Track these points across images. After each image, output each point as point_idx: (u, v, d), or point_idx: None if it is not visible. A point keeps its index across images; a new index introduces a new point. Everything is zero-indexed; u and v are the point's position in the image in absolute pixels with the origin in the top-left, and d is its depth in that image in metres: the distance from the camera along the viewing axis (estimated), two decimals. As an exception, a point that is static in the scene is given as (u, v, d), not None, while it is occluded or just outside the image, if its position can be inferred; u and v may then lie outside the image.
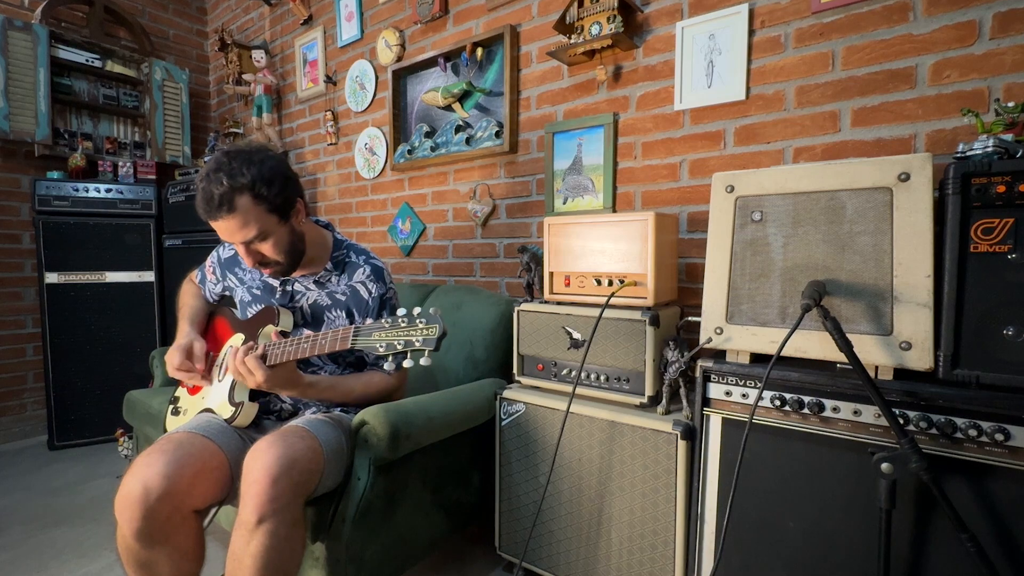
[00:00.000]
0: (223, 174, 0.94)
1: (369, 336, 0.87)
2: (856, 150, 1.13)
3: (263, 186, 0.96)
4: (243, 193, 0.95)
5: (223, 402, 1.06)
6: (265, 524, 0.82)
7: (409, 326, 0.84)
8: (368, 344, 0.87)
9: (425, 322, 0.83)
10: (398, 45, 1.99)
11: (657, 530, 1.03)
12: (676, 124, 1.37)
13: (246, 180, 0.95)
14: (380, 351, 0.85)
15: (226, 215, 0.95)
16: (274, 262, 1.04)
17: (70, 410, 2.24)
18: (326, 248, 1.15)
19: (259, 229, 0.98)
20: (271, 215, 0.99)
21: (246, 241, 0.99)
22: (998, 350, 0.73)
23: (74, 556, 1.44)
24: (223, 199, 0.94)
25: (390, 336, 0.85)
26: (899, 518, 0.77)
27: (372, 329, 0.87)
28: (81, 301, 2.25)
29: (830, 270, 0.84)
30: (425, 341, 0.83)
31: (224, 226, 0.97)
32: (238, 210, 0.95)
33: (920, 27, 1.05)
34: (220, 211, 0.95)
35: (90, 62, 2.46)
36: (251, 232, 0.97)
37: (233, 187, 0.94)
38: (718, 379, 0.94)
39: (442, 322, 0.83)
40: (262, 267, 1.05)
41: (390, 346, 0.85)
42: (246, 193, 0.95)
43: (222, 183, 0.94)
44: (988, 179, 0.74)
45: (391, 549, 1.09)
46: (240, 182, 0.95)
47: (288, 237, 1.03)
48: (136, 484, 0.84)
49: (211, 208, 0.95)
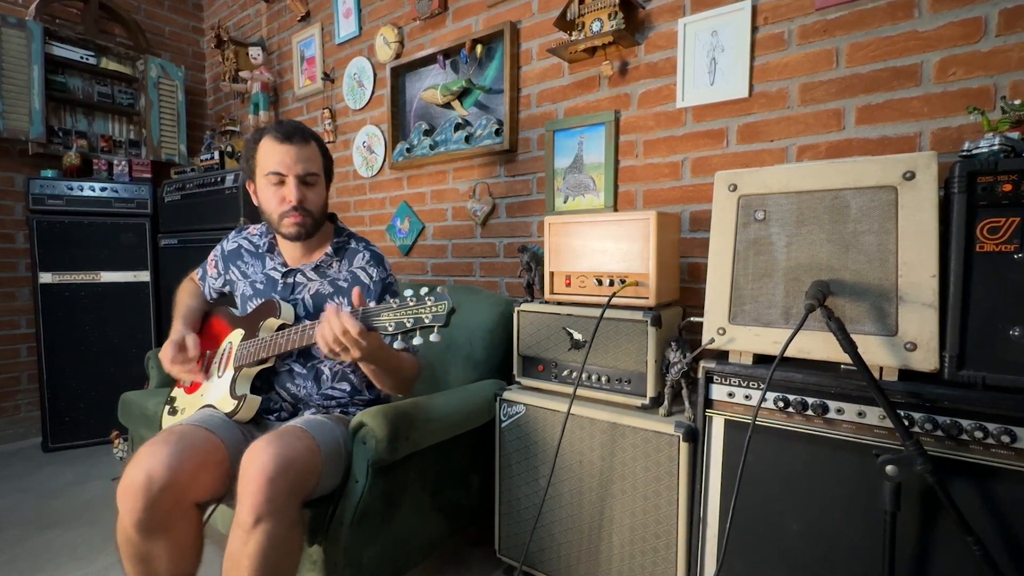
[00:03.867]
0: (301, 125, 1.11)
1: (378, 316, 0.87)
2: (860, 148, 1.12)
3: (324, 146, 1.15)
4: (315, 138, 1.12)
5: (224, 396, 1.05)
6: (262, 525, 0.81)
7: (418, 304, 0.84)
8: (378, 323, 0.87)
9: (434, 299, 0.83)
10: (397, 42, 1.97)
11: (659, 533, 1.02)
12: (678, 122, 1.36)
13: (315, 133, 1.13)
14: (390, 330, 0.85)
15: (300, 141, 1.07)
16: (309, 212, 1.09)
17: (64, 412, 2.22)
18: (328, 235, 1.18)
19: (317, 170, 1.10)
20: (323, 171, 1.13)
21: (303, 175, 1.07)
22: (1004, 351, 0.73)
23: (69, 559, 1.43)
24: (303, 130, 1.09)
25: (399, 315, 0.85)
26: (903, 521, 0.76)
27: (381, 309, 0.87)
28: (76, 301, 2.23)
29: (834, 270, 0.83)
30: (435, 317, 0.82)
31: (293, 151, 1.06)
32: (311, 144, 1.10)
33: (925, 24, 1.04)
34: (297, 136, 1.07)
35: (85, 59, 2.44)
36: (311, 168, 1.08)
37: (309, 130, 1.11)
38: (721, 380, 0.93)
39: (450, 299, 0.82)
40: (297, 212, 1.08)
41: (399, 324, 0.84)
42: (315, 140, 1.12)
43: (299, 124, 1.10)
44: (994, 178, 0.73)
45: (390, 552, 1.08)
46: (312, 131, 1.12)
47: (326, 196, 1.15)
48: (139, 473, 0.83)
49: (289, 131, 1.06)
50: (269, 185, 1.07)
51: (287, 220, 1.07)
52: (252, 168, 1.10)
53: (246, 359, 1.05)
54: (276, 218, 1.09)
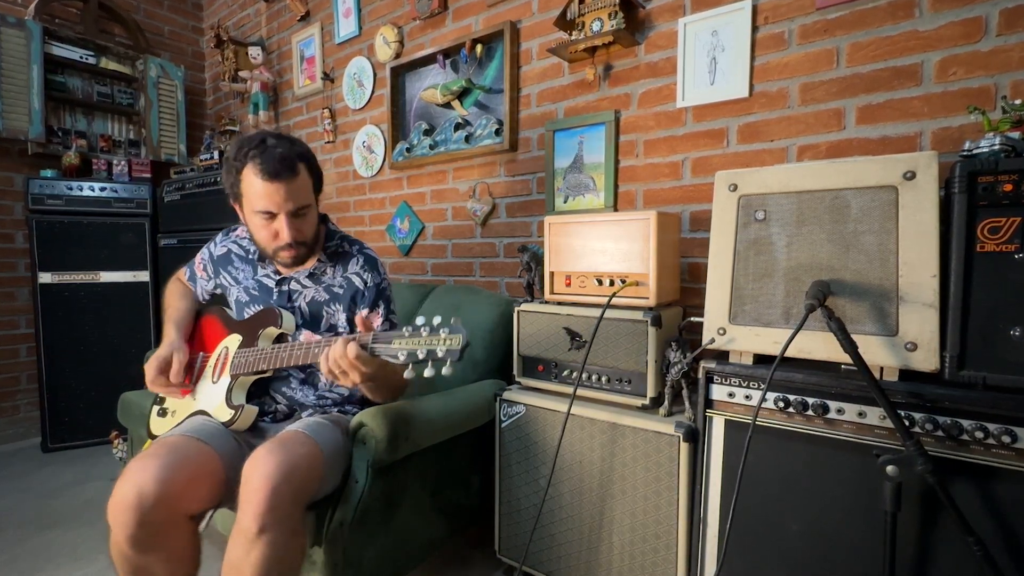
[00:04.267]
0: (284, 140, 0.99)
1: (389, 343, 0.85)
2: (861, 148, 1.12)
3: (313, 159, 1.04)
4: (303, 161, 1.01)
5: (220, 404, 1.04)
6: (266, 534, 0.80)
7: (431, 335, 0.82)
8: (387, 351, 0.85)
9: (448, 332, 0.81)
10: (396, 42, 1.97)
11: (659, 533, 1.02)
12: (678, 122, 1.36)
13: (303, 149, 1.01)
14: (401, 359, 0.83)
15: (287, 177, 0.97)
16: (303, 242, 1.05)
17: (64, 412, 2.22)
18: (320, 240, 1.15)
19: (307, 199, 1.02)
20: (313, 192, 1.04)
21: (294, 210, 1.00)
22: (1005, 351, 0.72)
23: (69, 559, 1.43)
24: (289, 161, 0.98)
25: (411, 344, 0.83)
26: (904, 521, 0.76)
27: (392, 336, 0.85)
28: (75, 301, 2.23)
29: (834, 270, 0.83)
30: (449, 351, 0.80)
31: (280, 189, 0.98)
32: (299, 176, 0.99)
33: (926, 23, 1.04)
34: (283, 172, 0.97)
35: (84, 59, 2.43)
36: (301, 202, 1.01)
37: (296, 152, 0.99)
38: (721, 380, 0.93)
39: (465, 332, 0.81)
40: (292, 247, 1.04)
41: (411, 355, 0.82)
42: (304, 162, 1.01)
43: (285, 147, 0.98)
44: (995, 177, 0.73)
45: (389, 553, 1.08)
46: (299, 150, 1.01)
47: (317, 218, 1.08)
48: (130, 489, 0.82)
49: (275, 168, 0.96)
50: (259, 220, 1.01)
51: (283, 253, 1.05)
52: (237, 195, 1.03)
53: (244, 368, 1.04)
54: (270, 251, 1.06)
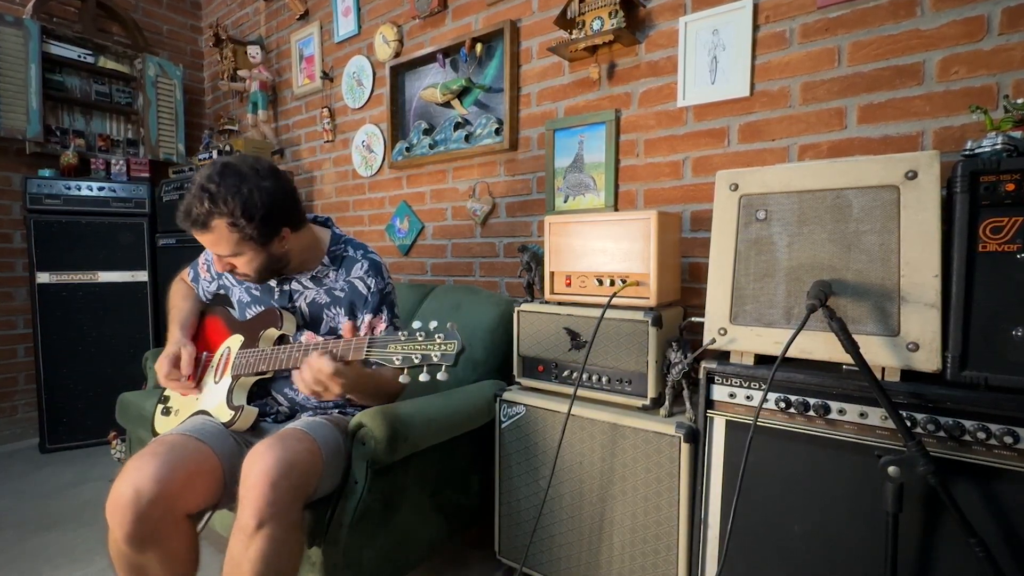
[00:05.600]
0: (207, 196, 0.92)
1: (384, 348, 0.86)
2: (862, 147, 1.11)
3: (243, 219, 0.93)
4: (221, 218, 0.93)
5: (220, 404, 1.04)
6: (264, 529, 0.81)
7: (427, 340, 0.83)
8: (383, 356, 0.85)
9: (443, 337, 0.82)
10: (396, 41, 1.96)
11: (660, 534, 1.02)
12: (679, 121, 1.36)
13: (226, 209, 0.92)
14: (396, 363, 0.84)
15: (200, 231, 0.96)
16: (243, 275, 1.05)
17: (62, 412, 2.21)
18: (323, 244, 1.15)
19: (232, 250, 0.98)
20: (246, 242, 0.97)
21: (219, 255, 1.01)
22: (1007, 351, 0.72)
23: (67, 561, 1.42)
24: (198, 218, 0.94)
25: (407, 349, 0.84)
26: (906, 522, 0.75)
27: (387, 341, 0.86)
28: (73, 301, 2.22)
29: (836, 270, 0.83)
30: (444, 356, 0.81)
31: (201, 238, 0.98)
32: (212, 231, 0.95)
33: (927, 22, 1.04)
34: (194, 227, 0.96)
35: (82, 58, 2.42)
36: (223, 250, 0.98)
37: (212, 211, 0.93)
38: (722, 381, 0.92)
39: (460, 337, 0.82)
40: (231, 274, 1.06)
41: (406, 359, 0.83)
42: (225, 219, 0.93)
43: (203, 203, 0.92)
44: (997, 177, 0.72)
45: (389, 553, 1.08)
46: (221, 209, 0.92)
47: (264, 259, 1.02)
48: (127, 488, 0.82)
49: (186, 221, 0.96)
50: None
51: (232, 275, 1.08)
52: None
53: (245, 369, 1.04)
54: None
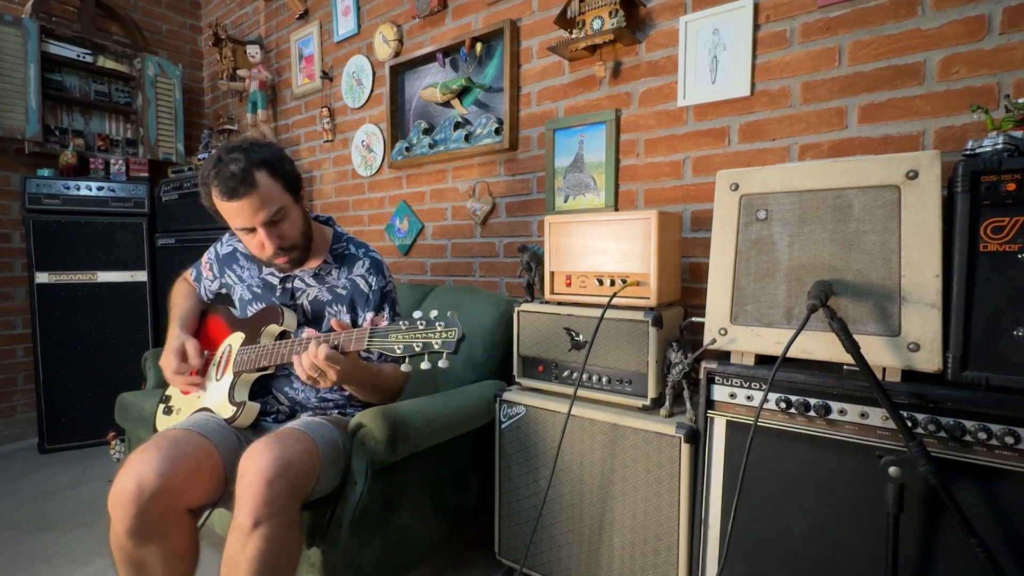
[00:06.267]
0: (237, 152, 0.95)
1: (386, 337, 0.87)
2: (863, 147, 1.11)
3: (278, 161, 0.99)
4: (261, 168, 0.96)
5: (223, 401, 1.04)
6: (261, 527, 0.81)
7: (427, 328, 0.84)
8: (385, 345, 0.86)
9: (444, 325, 0.84)
10: (396, 40, 1.96)
11: (660, 535, 1.02)
12: (679, 121, 1.35)
13: (262, 156, 0.97)
14: (397, 352, 0.85)
15: (247, 192, 0.94)
16: (292, 246, 1.04)
17: (61, 413, 2.21)
18: (325, 241, 1.15)
19: (280, 205, 0.99)
20: (287, 192, 1.00)
21: (269, 220, 0.98)
22: (1008, 351, 0.72)
23: (65, 561, 1.42)
24: (244, 175, 0.94)
25: (408, 338, 0.85)
26: (907, 523, 0.75)
27: (389, 331, 0.87)
28: (72, 301, 2.21)
29: (836, 270, 0.82)
30: (444, 344, 0.83)
31: (245, 205, 0.96)
32: (259, 186, 0.95)
33: (928, 22, 1.03)
34: (241, 188, 0.94)
35: (81, 57, 2.42)
36: (273, 208, 0.98)
37: (251, 161, 0.95)
38: (722, 381, 0.92)
39: (460, 325, 0.83)
40: (282, 253, 1.03)
41: (408, 348, 0.85)
42: (264, 168, 0.96)
43: (239, 161, 0.94)
44: (998, 177, 0.72)
45: (388, 554, 1.07)
46: (256, 157, 0.96)
47: (304, 217, 1.05)
48: (130, 481, 0.83)
49: (231, 187, 0.94)
50: (242, 235, 1.03)
51: (277, 261, 1.06)
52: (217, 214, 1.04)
53: (246, 365, 1.04)
54: (265, 260, 1.07)
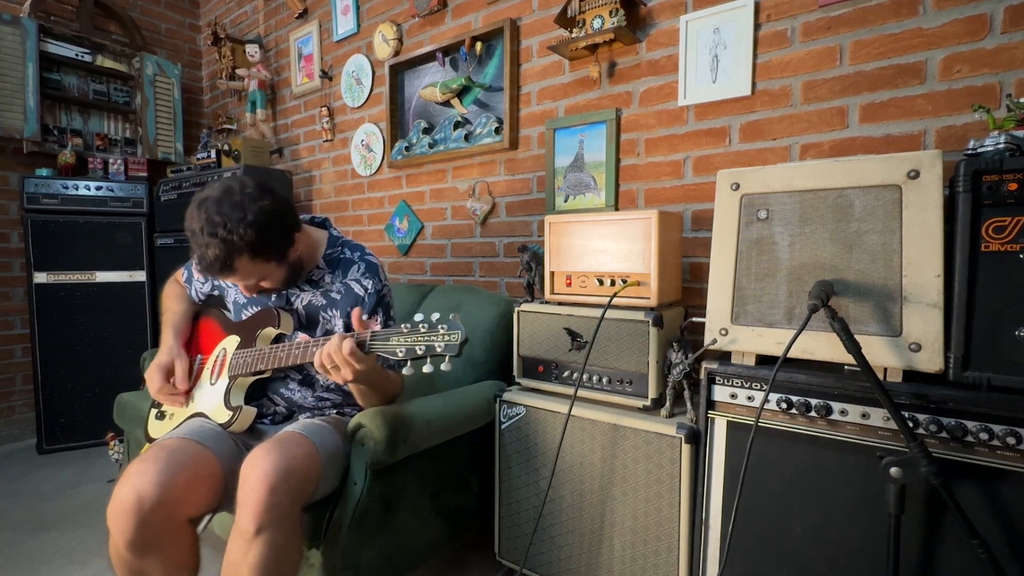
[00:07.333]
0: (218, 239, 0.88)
1: (387, 340, 0.86)
2: (864, 147, 1.11)
3: (260, 243, 0.92)
4: (241, 254, 0.91)
5: (218, 406, 1.03)
6: (263, 534, 0.80)
7: (430, 331, 0.83)
8: (386, 348, 0.86)
9: (447, 328, 0.83)
10: (395, 39, 1.96)
11: (660, 536, 1.02)
12: (680, 120, 1.35)
13: (242, 241, 0.89)
14: (400, 355, 0.84)
15: (226, 274, 0.94)
16: (273, 289, 1.06)
17: (59, 413, 2.20)
18: (320, 247, 1.14)
19: (259, 277, 0.99)
20: (271, 262, 0.97)
21: (248, 288, 1.02)
22: (1010, 351, 0.72)
23: (65, 562, 1.42)
24: (223, 265, 0.91)
25: (410, 341, 0.84)
26: (908, 524, 0.75)
27: (391, 334, 0.86)
28: (71, 301, 2.21)
29: (838, 270, 0.82)
30: (447, 347, 0.82)
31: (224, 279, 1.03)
32: (237, 269, 0.93)
33: (929, 21, 1.03)
34: (221, 273, 0.93)
35: (80, 57, 2.41)
36: (251, 281, 0.99)
37: (230, 250, 0.90)
38: (723, 381, 0.92)
39: (463, 328, 0.83)
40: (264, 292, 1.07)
41: (410, 350, 0.84)
42: (246, 254, 0.91)
43: (218, 247, 0.89)
44: (1000, 176, 0.72)
45: (388, 555, 1.07)
46: (236, 244, 0.89)
47: (287, 271, 1.02)
48: (129, 493, 0.82)
49: (210, 270, 0.93)
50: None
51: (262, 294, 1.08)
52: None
53: (242, 369, 1.04)
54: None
